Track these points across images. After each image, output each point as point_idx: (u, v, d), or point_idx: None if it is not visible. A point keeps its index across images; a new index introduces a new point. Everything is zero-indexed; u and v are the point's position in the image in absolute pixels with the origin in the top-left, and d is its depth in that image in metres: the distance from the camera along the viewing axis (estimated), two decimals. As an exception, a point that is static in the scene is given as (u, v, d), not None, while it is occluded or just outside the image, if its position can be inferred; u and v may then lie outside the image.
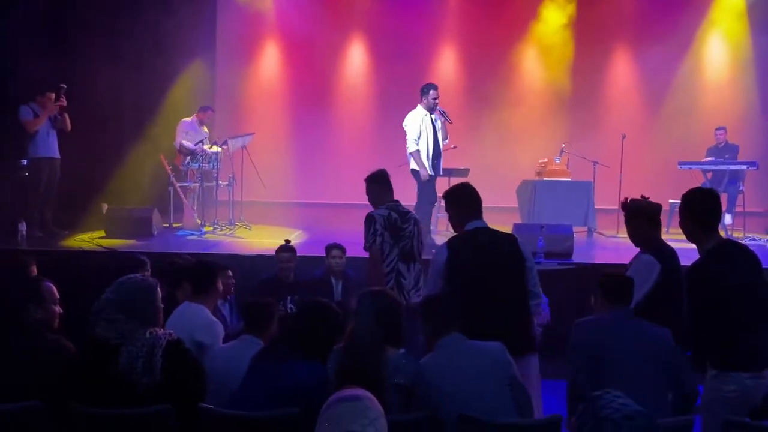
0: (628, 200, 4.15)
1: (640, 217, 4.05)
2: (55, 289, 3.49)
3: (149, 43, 9.53)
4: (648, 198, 4.14)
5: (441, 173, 7.98)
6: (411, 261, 5.01)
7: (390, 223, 4.96)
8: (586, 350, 3.44)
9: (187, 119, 9.40)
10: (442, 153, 7.82)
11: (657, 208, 4.10)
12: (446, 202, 4.15)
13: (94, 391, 2.93)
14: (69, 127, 8.27)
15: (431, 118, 7.67)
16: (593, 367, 3.35)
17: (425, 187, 7.67)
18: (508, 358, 3.33)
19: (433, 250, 4.67)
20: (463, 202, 4.07)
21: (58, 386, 3.06)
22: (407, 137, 7.63)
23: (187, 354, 3.05)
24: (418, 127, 7.58)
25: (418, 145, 7.58)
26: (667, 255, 3.98)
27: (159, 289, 3.19)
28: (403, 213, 5.06)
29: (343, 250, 6.31)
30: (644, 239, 4.07)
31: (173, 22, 9.50)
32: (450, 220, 4.23)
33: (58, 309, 3.47)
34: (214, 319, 4.07)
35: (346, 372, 2.79)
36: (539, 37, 11.77)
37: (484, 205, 4.06)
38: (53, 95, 8.14)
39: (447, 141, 7.93)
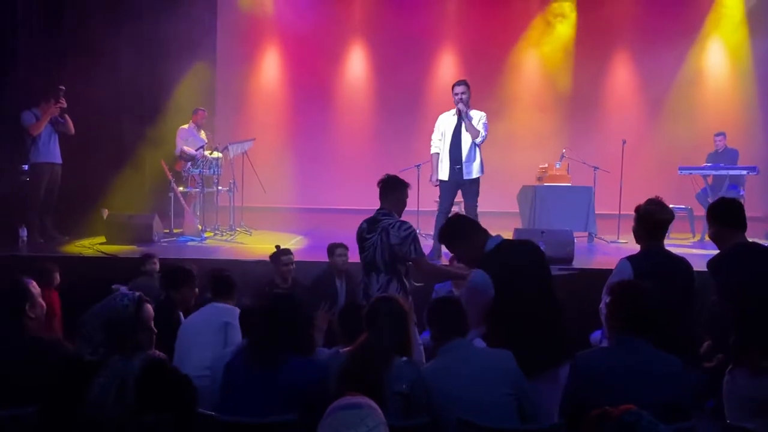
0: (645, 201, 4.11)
1: (639, 220, 4.03)
2: (35, 283, 3.53)
3: (149, 49, 9.55)
4: (660, 203, 4.08)
5: (465, 177, 7.14)
6: (374, 272, 4.69)
7: (358, 234, 4.80)
8: (582, 392, 3.09)
9: (185, 126, 9.40)
10: (468, 156, 7.11)
11: (660, 216, 4.00)
12: (449, 241, 4.01)
13: (67, 416, 2.85)
14: (72, 129, 8.28)
15: (456, 118, 7.18)
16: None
17: (440, 194, 7.36)
18: (513, 365, 3.28)
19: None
20: (468, 231, 3.94)
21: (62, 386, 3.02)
22: None
23: (168, 375, 2.89)
24: (437, 128, 7.29)
25: (438, 147, 7.25)
26: (648, 261, 3.89)
27: (147, 312, 3.10)
28: (374, 222, 4.74)
29: (347, 248, 6.27)
30: (639, 243, 4.07)
31: (173, 27, 9.52)
32: (461, 255, 4.07)
33: (42, 303, 3.50)
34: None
35: (349, 378, 2.78)
36: (540, 41, 11.80)
37: (484, 209, 4.02)
38: (59, 100, 8.19)
39: (480, 139, 7.14)
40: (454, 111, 7.23)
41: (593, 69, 11.70)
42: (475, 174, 7.17)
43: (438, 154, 7.25)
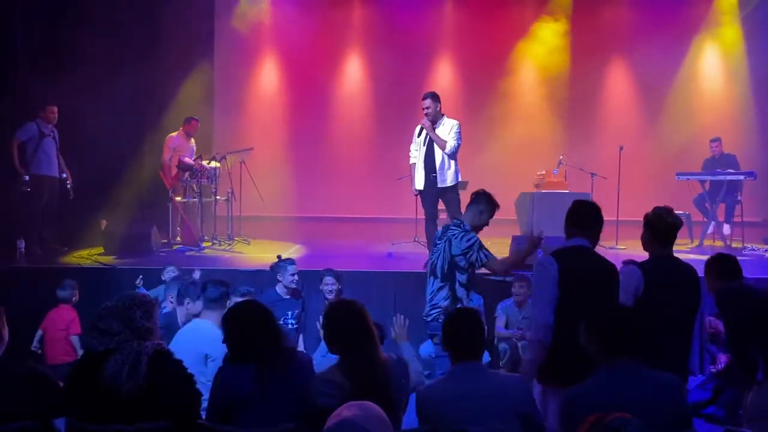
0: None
1: (649, 226, 4.04)
2: (2, 309, 3.17)
3: (147, 60, 9.55)
4: (668, 209, 4.09)
5: (440, 185, 7.11)
6: (432, 276, 5.04)
7: (435, 237, 5.20)
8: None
9: (174, 134, 9.36)
10: (441, 165, 7.08)
11: (670, 221, 4.01)
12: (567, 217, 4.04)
13: (80, 402, 2.91)
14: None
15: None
16: None
17: (422, 203, 7.41)
18: (525, 392, 3.16)
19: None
20: (571, 221, 4.04)
21: (44, 413, 2.98)
22: None
23: (174, 364, 3.02)
24: (414, 138, 7.33)
25: (415, 158, 7.31)
26: (659, 268, 3.88)
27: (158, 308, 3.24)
28: (446, 229, 5.06)
29: (336, 276, 6.24)
30: (648, 250, 4.07)
31: (171, 39, 9.55)
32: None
33: (5, 335, 3.14)
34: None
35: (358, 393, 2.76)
36: (536, 49, 11.83)
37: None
38: (55, 108, 8.23)
39: (448, 151, 7.07)
40: (426, 122, 7.22)
41: (589, 76, 11.74)
42: (449, 182, 7.16)
43: (416, 164, 7.28)
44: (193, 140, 9.49)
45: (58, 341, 5.96)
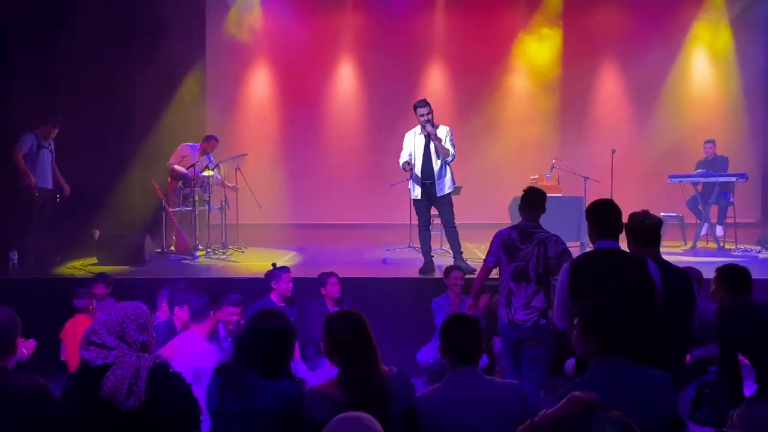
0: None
1: (628, 235, 4.04)
2: (18, 321, 3.21)
3: (140, 68, 9.55)
4: (645, 211, 4.09)
5: (438, 194, 7.15)
6: (523, 280, 4.96)
7: (507, 242, 5.02)
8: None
9: (191, 143, 9.33)
10: (438, 173, 7.10)
11: (648, 221, 4.02)
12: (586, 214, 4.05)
13: (79, 416, 2.88)
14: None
15: (424, 136, 7.15)
16: None
17: (416, 211, 7.43)
18: (521, 398, 3.13)
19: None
20: (597, 218, 3.94)
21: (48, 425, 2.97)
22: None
23: (174, 376, 3.00)
24: (406, 146, 7.30)
25: (406, 160, 7.24)
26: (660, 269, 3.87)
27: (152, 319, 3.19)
28: (527, 233, 4.99)
29: (338, 277, 6.28)
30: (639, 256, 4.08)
31: (164, 49, 9.54)
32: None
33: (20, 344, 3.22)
34: (210, 345, 4.28)
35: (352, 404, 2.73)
36: (527, 53, 11.87)
37: (476, 221, 3.98)
38: (57, 130, 8.23)
39: (450, 159, 7.14)
40: (419, 130, 7.20)
41: (581, 79, 11.79)
42: (447, 190, 7.21)
43: (407, 162, 7.19)
44: (206, 158, 9.35)
45: (78, 350, 5.95)
